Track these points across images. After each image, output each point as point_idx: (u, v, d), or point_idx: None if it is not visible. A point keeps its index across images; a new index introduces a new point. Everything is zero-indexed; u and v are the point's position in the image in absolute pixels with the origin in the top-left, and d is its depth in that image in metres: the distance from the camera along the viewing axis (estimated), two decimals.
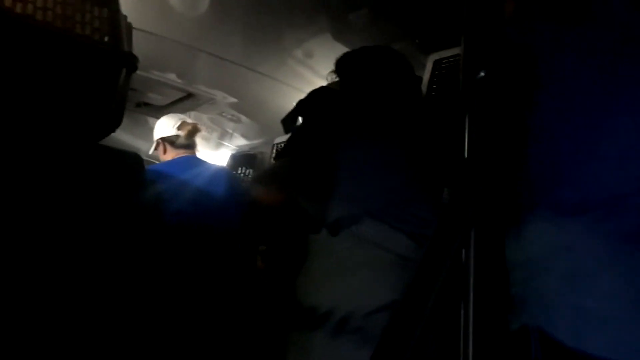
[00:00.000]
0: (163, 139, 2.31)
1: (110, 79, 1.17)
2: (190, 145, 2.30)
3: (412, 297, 0.58)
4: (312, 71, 2.39)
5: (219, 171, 2.29)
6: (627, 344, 0.68)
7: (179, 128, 2.29)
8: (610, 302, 0.69)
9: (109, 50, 1.17)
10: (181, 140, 2.28)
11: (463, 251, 0.59)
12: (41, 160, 1.06)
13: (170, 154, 2.29)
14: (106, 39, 1.19)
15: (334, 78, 1.45)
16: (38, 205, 1.03)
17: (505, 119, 0.70)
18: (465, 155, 0.61)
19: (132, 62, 1.23)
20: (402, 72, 1.34)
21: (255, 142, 3.32)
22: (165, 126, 2.32)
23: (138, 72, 2.53)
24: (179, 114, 2.49)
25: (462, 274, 0.59)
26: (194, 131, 2.31)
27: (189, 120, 2.38)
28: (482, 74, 0.60)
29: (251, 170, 3.09)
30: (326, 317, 1.14)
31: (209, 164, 2.35)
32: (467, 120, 0.61)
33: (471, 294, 0.58)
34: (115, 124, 1.25)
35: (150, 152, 2.41)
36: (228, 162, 3.37)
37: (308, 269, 1.26)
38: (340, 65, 1.40)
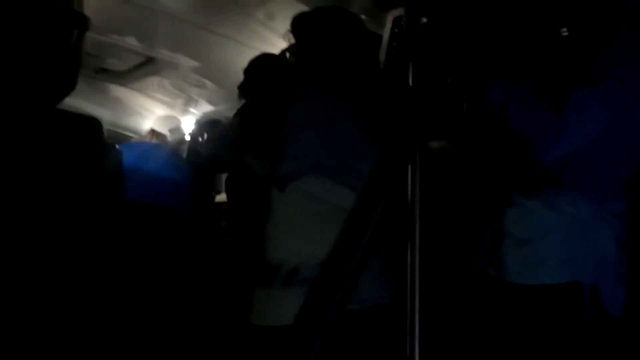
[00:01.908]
0: None
1: (61, 40, 1.14)
2: None
3: (351, 226, 0.61)
4: (274, 33, 2.36)
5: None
6: None
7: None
8: None
9: (58, 10, 1.14)
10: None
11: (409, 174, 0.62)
12: None
13: None
14: None
15: (291, 39, 1.47)
16: None
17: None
18: (410, 83, 0.64)
19: (83, 22, 1.19)
20: (354, 31, 1.37)
21: (221, 107, 3.29)
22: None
23: (95, 36, 2.47)
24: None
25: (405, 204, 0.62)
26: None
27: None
28: (424, 20, 0.63)
29: None
30: (277, 269, 1.20)
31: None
32: (410, 57, 0.64)
33: (416, 224, 0.61)
34: (68, 88, 1.22)
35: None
36: (193, 129, 3.34)
37: (262, 225, 1.31)
38: (295, 27, 1.43)
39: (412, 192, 0.62)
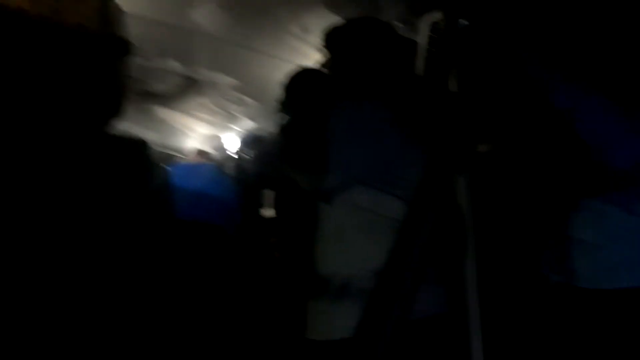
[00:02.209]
0: None
1: (105, 66, 1.18)
2: None
3: (404, 238, 0.59)
4: (310, 45, 2.38)
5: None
6: None
7: None
8: None
9: (101, 37, 1.18)
10: None
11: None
12: (43, 151, 1.08)
13: None
14: (98, 25, 1.20)
15: (326, 52, 1.48)
16: (41, 191, 1.05)
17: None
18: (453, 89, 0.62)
19: (125, 47, 1.23)
20: (388, 39, 1.36)
21: (264, 123, 3.33)
22: None
23: (139, 60, 2.55)
24: None
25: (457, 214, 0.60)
26: None
27: None
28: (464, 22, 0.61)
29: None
30: (328, 283, 1.20)
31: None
32: (452, 63, 0.62)
33: (470, 231, 0.59)
34: (115, 112, 1.26)
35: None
36: (239, 146, 3.40)
37: (311, 239, 1.31)
38: (328, 40, 1.44)
39: (463, 201, 0.60)
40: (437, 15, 1.68)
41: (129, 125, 3.12)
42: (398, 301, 0.56)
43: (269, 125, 3.22)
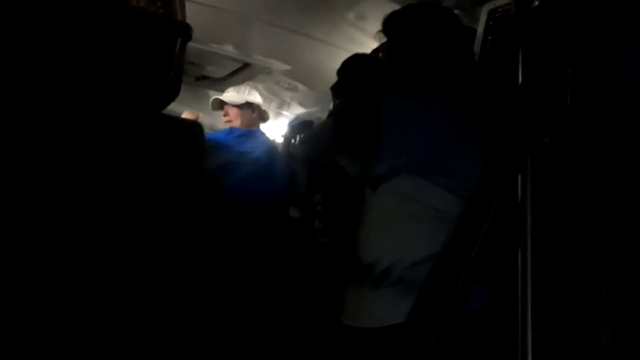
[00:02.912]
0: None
1: (167, 49, 1.21)
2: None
3: (459, 235, 0.58)
4: (365, 33, 2.35)
5: (272, 145, 2.38)
6: None
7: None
8: None
9: (163, 21, 1.21)
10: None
11: (519, 187, 0.58)
12: (104, 128, 1.12)
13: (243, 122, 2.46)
14: (160, 10, 1.23)
15: (382, 38, 1.45)
16: (103, 171, 1.10)
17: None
18: (520, 81, 0.59)
19: (186, 31, 1.26)
20: (448, 26, 1.33)
21: (313, 109, 3.33)
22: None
23: (196, 45, 2.61)
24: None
25: (518, 213, 0.58)
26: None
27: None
28: (536, 2, 0.58)
29: None
30: (370, 270, 1.19)
31: (264, 136, 2.44)
32: (520, 49, 0.59)
33: (529, 236, 0.57)
34: (174, 94, 1.30)
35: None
36: (286, 131, 3.42)
37: (355, 226, 1.31)
38: (387, 26, 1.41)
39: (523, 202, 0.57)
40: (496, 3, 1.63)
41: (184, 108, 3.20)
42: (452, 296, 0.54)
43: (318, 111, 3.23)
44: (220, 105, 2.53)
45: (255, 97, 2.51)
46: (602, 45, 0.90)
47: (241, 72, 2.93)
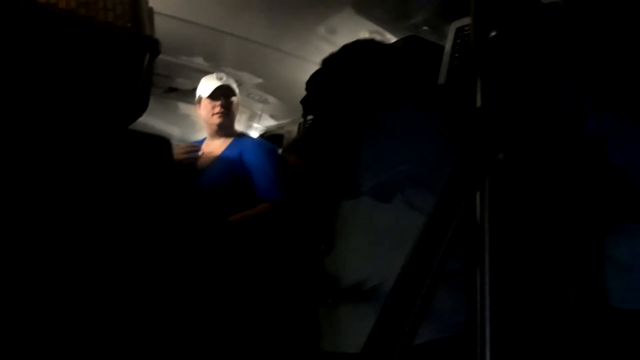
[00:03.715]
0: None
1: (134, 64, 1.20)
2: None
3: (418, 254, 0.59)
4: (335, 47, 2.36)
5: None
6: None
7: None
8: None
9: (132, 36, 1.20)
10: None
11: (478, 206, 0.60)
12: (69, 146, 1.10)
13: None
14: (129, 24, 1.22)
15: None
16: (68, 191, 1.07)
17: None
18: (478, 104, 0.62)
19: (155, 46, 1.25)
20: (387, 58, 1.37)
21: (284, 121, 3.34)
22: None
23: (166, 57, 2.58)
24: None
25: (476, 230, 0.59)
26: None
27: None
28: (493, 33, 0.60)
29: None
30: (375, 291, 1.12)
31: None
32: (478, 75, 0.62)
33: (486, 253, 0.58)
34: (141, 109, 1.28)
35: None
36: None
37: (345, 241, 1.23)
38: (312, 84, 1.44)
39: (482, 219, 0.59)
40: (463, 21, 1.67)
41: (154, 120, 3.15)
42: (407, 321, 0.55)
43: (289, 124, 3.24)
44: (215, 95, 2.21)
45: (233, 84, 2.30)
46: (549, 71, 0.96)
47: None
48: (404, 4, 1.95)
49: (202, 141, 2.33)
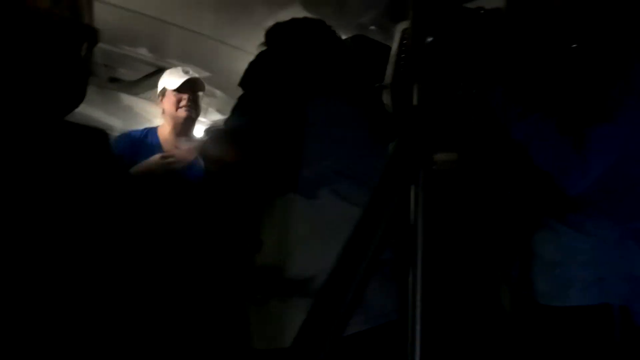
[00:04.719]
0: None
1: (71, 53, 1.15)
2: None
3: (354, 242, 0.60)
4: None
5: None
6: None
7: None
8: None
9: (68, 23, 1.15)
10: None
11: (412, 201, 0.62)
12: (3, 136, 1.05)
13: None
14: (66, 12, 1.17)
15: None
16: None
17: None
18: (415, 102, 0.64)
19: (93, 35, 1.20)
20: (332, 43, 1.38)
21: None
22: None
23: (108, 47, 2.50)
24: None
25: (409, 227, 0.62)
26: None
27: None
28: (429, 39, 0.63)
29: None
30: (308, 283, 1.13)
31: None
32: (415, 77, 0.64)
33: (419, 249, 0.60)
34: (77, 99, 1.23)
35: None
36: (202, 137, 3.36)
37: (277, 235, 1.24)
38: (270, 37, 1.43)
39: (415, 213, 0.61)
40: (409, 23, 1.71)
41: (94, 111, 3.05)
42: (338, 312, 0.56)
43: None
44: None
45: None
46: (480, 78, 1.02)
47: (156, 76, 2.84)
48: (352, 3, 1.98)
49: (143, 131, 2.28)
